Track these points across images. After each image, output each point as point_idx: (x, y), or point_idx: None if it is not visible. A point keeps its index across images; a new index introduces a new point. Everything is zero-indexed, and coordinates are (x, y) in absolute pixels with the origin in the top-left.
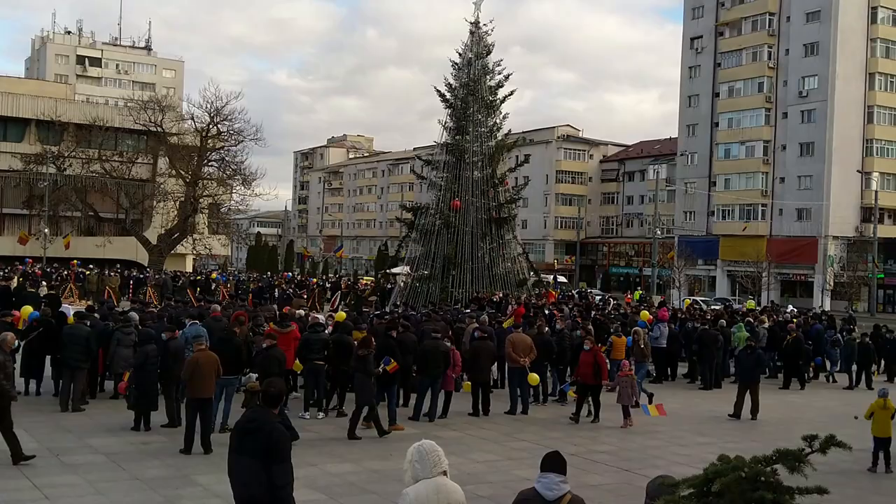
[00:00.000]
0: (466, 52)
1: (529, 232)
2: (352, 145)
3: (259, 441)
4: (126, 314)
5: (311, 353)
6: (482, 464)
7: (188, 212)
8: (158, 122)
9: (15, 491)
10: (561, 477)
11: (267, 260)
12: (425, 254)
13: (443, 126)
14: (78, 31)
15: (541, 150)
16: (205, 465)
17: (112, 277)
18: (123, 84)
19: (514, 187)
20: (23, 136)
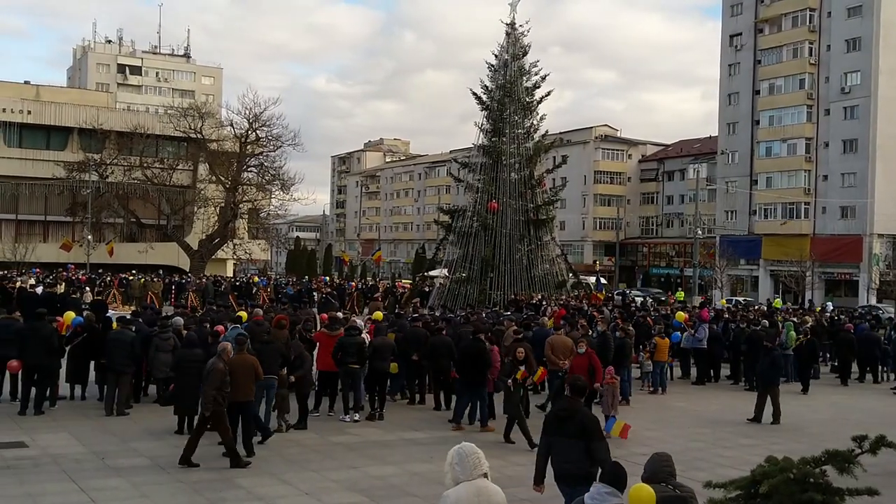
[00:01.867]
0: (502, 54)
1: (568, 233)
2: (388, 149)
3: (575, 425)
4: (167, 319)
5: (346, 357)
6: (523, 466)
7: (228, 217)
8: (198, 128)
9: (61, 494)
10: (609, 489)
11: (306, 264)
12: (463, 256)
13: (479, 128)
14: (118, 39)
15: (578, 151)
16: (247, 467)
17: (155, 283)
18: (163, 92)
19: (552, 188)
20: (66, 145)
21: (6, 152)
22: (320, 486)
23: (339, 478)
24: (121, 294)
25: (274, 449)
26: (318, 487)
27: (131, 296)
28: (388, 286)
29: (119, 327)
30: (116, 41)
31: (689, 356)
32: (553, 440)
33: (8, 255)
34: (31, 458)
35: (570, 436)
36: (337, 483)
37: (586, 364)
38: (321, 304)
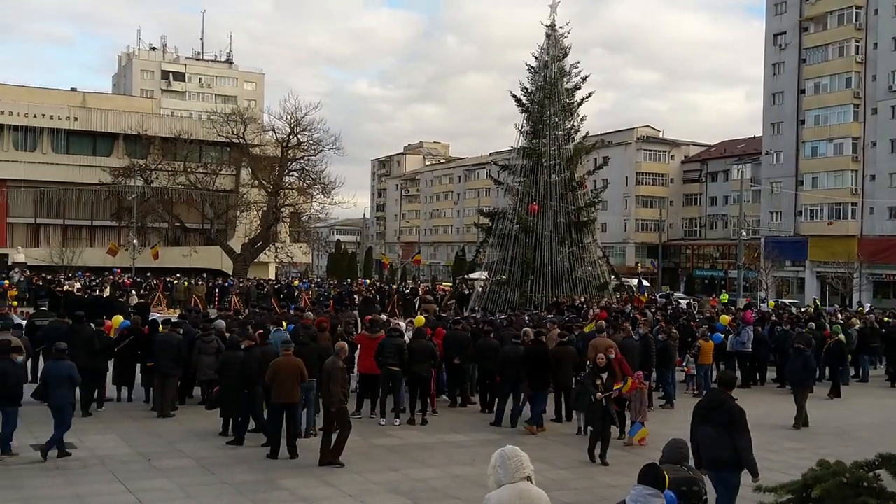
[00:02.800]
0: (542, 56)
1: (609, 235)
2: (428, 152)
3: (723, 415)
4: (211, 322)
5: (386, 359)
6: (566, 470)
7: (270, 221)
8: (241, 133)
9: (109, 495)
10: (652, 491)
11: (346, 267)
12: (503, 259)
13: (519, 130)
14: (162, 46)
15: (620, 152)
16: (291, 469)
17: (199, 286)
18: (206, 97)
19: (593, 190)
20: (111, 151)
21: (54, 158)
22: (363, 489)
23: (381, 480)
24: (165, 297)
25: (317, 451)
26: (361, 489)
27: (176, 299)
28: (428, 289)
29: (166, 330)
30: (160, 48)
31: (733, 359)
32: (702, 428)
33: (55, 259)
34: (79, 460)
35: (718, 425)
36: (379, 485)
37: (614, 370)
38: (362, 306)
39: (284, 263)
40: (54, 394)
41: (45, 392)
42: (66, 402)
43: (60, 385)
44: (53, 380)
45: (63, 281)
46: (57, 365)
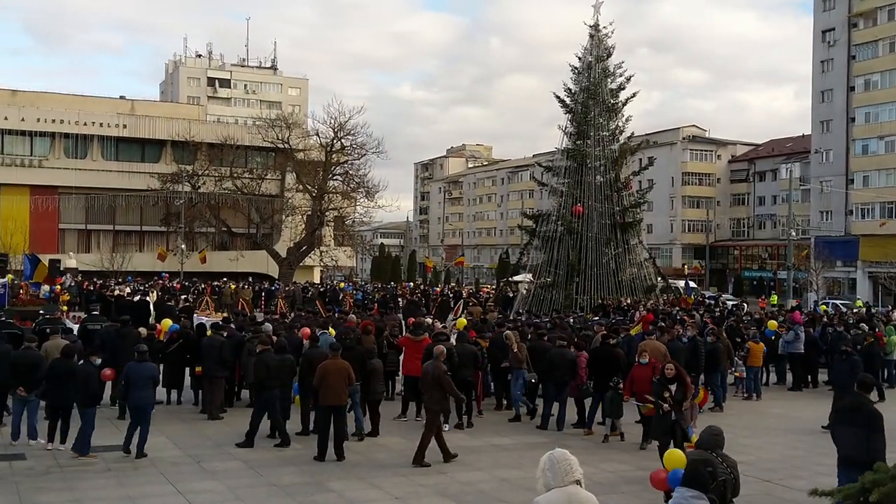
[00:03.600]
0: (586, 56)
1: (655, 236)
2: (471, 154)
3: (862, 417)
4: (260, 325)
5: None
6: (613, 473)
7: (315, 225)
8: (285, 138)
9: (160, 496)
10: (694, 493)
11: (390, 270)
12: (548, 261)
13: (563, 131)
14: (208, 54)
15: (665, 152)
16: (338, 471)
17: (245, 290)
18: (251, 103)
19: (639, 191)
20: (159, 157)
21: (104, 165)
22: (410, 491)
23: (428, 483)
24: (213, 301)
25: (363, 453)
26: (408, 492)
27: (223, 303)
28: (472, 292)
29: (212, 333)
30: (206, 55)
31: (784, 361)
32: (842, 429)
33: (106, 264)
34: (130, 462)
35: (857, 426)
36: (426, 488)
37: (650, 375)
38: (406, 309)
39: (329, 267)
40: (137, 394)
41: (127, 393)
42: (149, 403)
43: (144, 386)
44: (137, 381)
45: (113, 286)
46: (140, 366)
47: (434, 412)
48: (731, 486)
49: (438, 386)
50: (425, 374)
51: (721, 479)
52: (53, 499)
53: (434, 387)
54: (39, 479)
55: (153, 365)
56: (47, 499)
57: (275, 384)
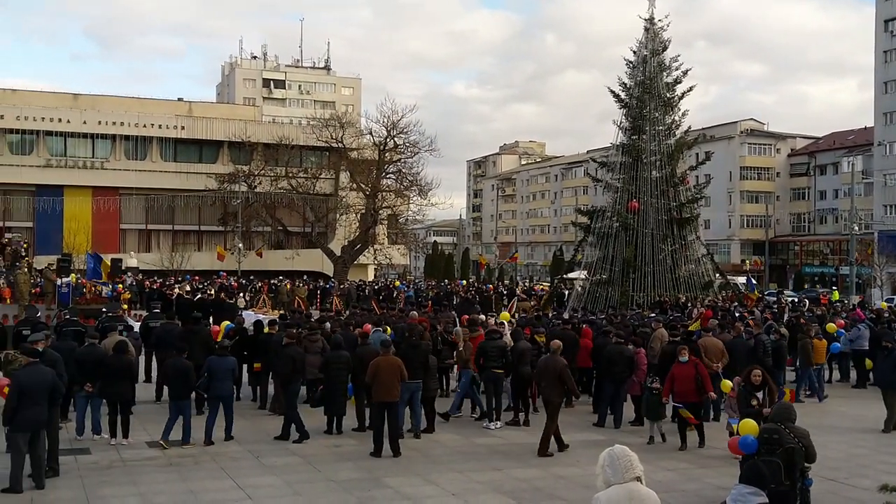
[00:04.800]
0: (641, 50)
1: (713, 232)
2: (524, 151)
3: None
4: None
5: (489, 361)
6: (673, 472)
7: (369, 223)
8: (339, 138)
9: (220, 491)
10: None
11: (443, 268)
12: (603, 257)
13: (618, 126)
14: (263, 55)
15: (723, 147)
16: (394, 467)
17: (301, 288)
18: (305, 104)
19: (696, 186)
20: (216, 158)
21: (163, 166)
22: (466, 487)
23: (484, 479)
24: (270, 299)
25: (419, 449)
26: (464, 488)
27: (280, 300)
28: (525, 288)
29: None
30: (261, 57)
31: (847, 358)
32: None
33: (165, 263)
34: (191, 456)
35: None
36: (482, 484)
37: (692, 373)
38: (460, 306)
39: (383, 265)
40: (218, 386)
41: (209, 385)
42: (229, 394)
43: (225, 378)
44: (218, 373)
45: (173, 284)
46: (221, 360)
47: (555, 405)
48: (801, 454)
49: (559, 379)
50: (545, 368)
51: (788, 447)
52: (117, 492)
53: (555, 380)
54: (103, 473)
55: (233, 358)
56: (111, 492)
57: (300, 377)
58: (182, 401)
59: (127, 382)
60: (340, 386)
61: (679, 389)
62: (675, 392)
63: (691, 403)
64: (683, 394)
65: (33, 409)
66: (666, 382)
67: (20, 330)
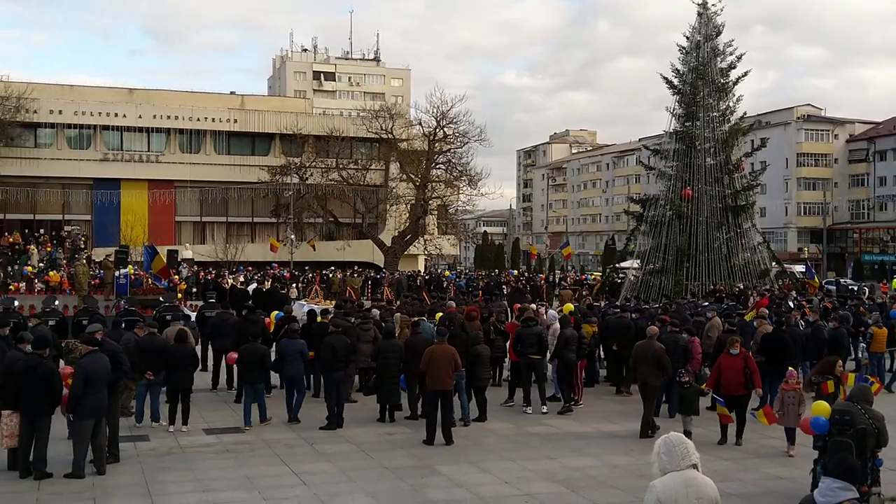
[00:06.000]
0: (694, 35)
1: (769, 220)
2: (574, 140)
3: None
4: (368, 311)
5: (525, 348)
6: (730, 461)
7: (419, 214)
8: (389, 129)
9: (276, 476)
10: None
11: (493, 258)
12: (656, 246)
13: (671, 113)
14: (313, 48)
15: (779, 133)
16: (447, 455)
17: (352, 278)
18: (355, 95)
19: (751, 173)
20: (269, 150)
21: (216, 159)
22: (519, 476)
23: (537, 468)
24: (322, 289)
25: (471, 438)
26: (517, 477)
27: (331, 291)
28: (578, 278)
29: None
30: (311, 49)
31: None
32: None
33: (220, 254)
34: (247, 443)
35: None
36: (535, 473)
37: (741, 366)
38: (511, 296)
39: (433, 255)
40: (289, 366)
41: (281, 366)
42: (299, 374)
43: (294, 359)
44: (288, 355)
45: (227, 275)
46: (291, 343)
47: (654, 387)
48: (873, 436)
49: (657, 363)
50: (645, 351)
51: (860, 427)
52: (175, 478)
53: (653, 363)
54: (162, 459)
55: (302, 341)
56: (170, 478)
57: (341, 366)
58: (258, 384)
59: (189, 370)
60: (392, 374)
61: (726, 382)
62: (722, 384)
63: (738, 396)
64: (730, 386)
65: (96, 396)
66: (712, 373)
67: (80, 320)
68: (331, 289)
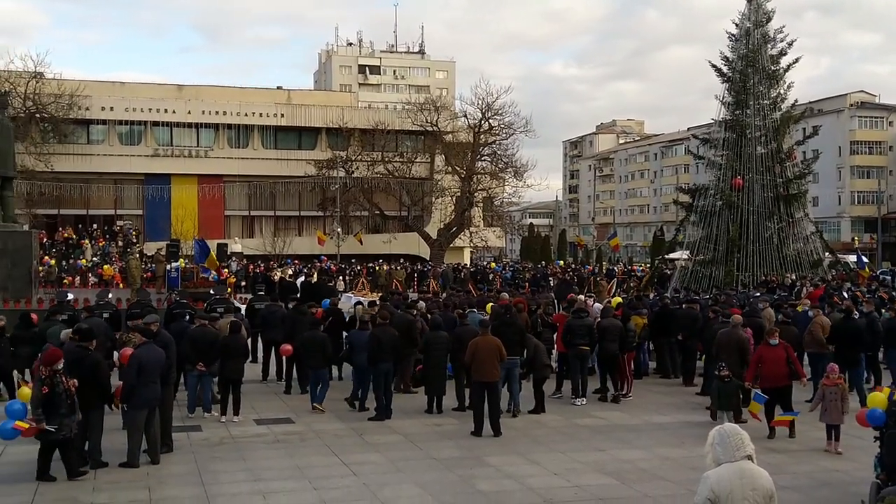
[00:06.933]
0: (744, 22)
1: (821, 209)
2: (622, 130)
3: None
4: (413, 304)
5: (575, 339)
6: (782, 454)
7: (464, 206)
8: (434, 121)
9: (325, 467)
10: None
11: (540, 250)
12: (706, 237)
13: (720, 101)
14: (358, 42)
15: (832, 120)
16: (495, 446)
17: (398, 271)
18: (400, 88)
19: (803, 161)
20: (315, 144)
21: (264, 154)
22: (568, 467)
23: (587, 460)
24: (368, 282)
25: (520, 429)
26: (566, 468)
27: (378, 283)
28: (626, 269)
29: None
30: (357, 43)
31: None
32: None
33: (268, 248)
34: (297, 434)
35: None
36: (584, 465)
37: (783, 356)
38: (558, 288)
39: (479, 247)
40: (358, 357)
41: (351, 355)
42: (366, 365)
43: (363, 350)
44: (358, 346)
45: (275, 268)
46: (360, 334)
47: (738, 375)
48: None
49: (740, 351)
50: (728, 340)
51: None
52: (227, 467)
53: (735, 352)
54: (214, 449)
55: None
56: (222, 467)
57: (388, 357)
58: (320, 370)
59: (240, 361)
60: (440, 366)
61: (767, 373)
62: (763, 376)
63: (781, 388)
64: (773, 377)
65: (150, 387)
66: (751, 366)
67: (133, 312)
68: (377, 281)
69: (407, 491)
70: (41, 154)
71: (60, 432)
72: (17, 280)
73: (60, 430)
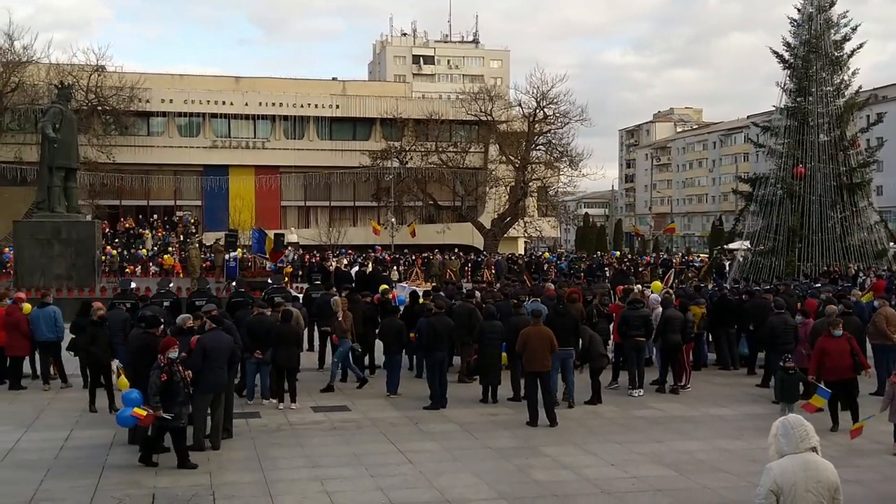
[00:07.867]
0: (807, 7)
1: (887, 198)
2: (679, 118)
3: None
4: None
5: (631, 330)
6: (847, 447)
7: (518, 196)
8: (488, 111)
9: (381, 454)
10: None
11: (595, 240)
12: (766, 226)
13: (781, 88)
14: (412, 32)
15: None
16: (551, 436)
17: (452, 261)
18: (454, 78)
19: (867, 149)
20: (369, 135)
21: (319, 144)
22: (625, 458)
23: (644, 451)
24: (422, 272)
25: (576, 420)
26: (624, 459)
27: (431, 273)
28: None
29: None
30: (411, 33)
31: None
32: None
33: (323, 238)
34: (353, 421)
35: None
36: (642, 456)
37: (847, 348)
38: (614, 278)
39: (533, 238)
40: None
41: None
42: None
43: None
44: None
45: (331, 257)
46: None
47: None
48: None
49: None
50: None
51: None
52: (286, 453)
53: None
54: (272, 435)
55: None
56: (280, 453)
57: (443, 346)
58: (394, 356)
59: (293, 349)
60: (495, 355)
61: (831, 366)
62: (826, 368)
63: (846, 381)
64: (837, 370)
65: (216, 372)
66: (813, 359)
67: (194, 301)
68: (431, 271)
69: (463, 479)
70: (103, 146)
71: (178, 420)
72: (81, 269)
73: (178, 417)
